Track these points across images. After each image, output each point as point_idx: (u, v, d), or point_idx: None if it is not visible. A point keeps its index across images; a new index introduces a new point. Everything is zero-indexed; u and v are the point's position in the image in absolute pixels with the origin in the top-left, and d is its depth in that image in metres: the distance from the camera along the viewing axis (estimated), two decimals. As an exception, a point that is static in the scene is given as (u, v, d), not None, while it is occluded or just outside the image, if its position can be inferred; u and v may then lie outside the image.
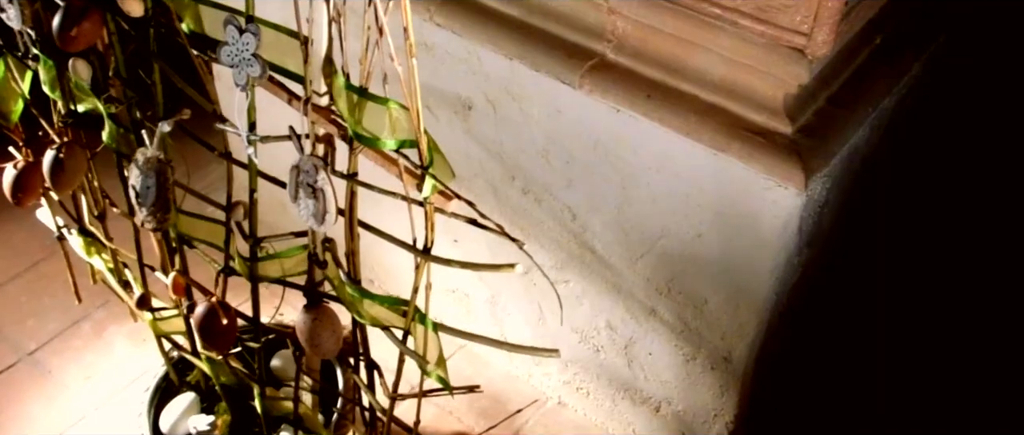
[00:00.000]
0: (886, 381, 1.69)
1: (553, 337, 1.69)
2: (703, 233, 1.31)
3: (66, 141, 1.29)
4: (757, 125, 1.20)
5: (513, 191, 1.54)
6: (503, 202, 1.57)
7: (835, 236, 1.40)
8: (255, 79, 0.92)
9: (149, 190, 1.10)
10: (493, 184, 1.56)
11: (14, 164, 1.45)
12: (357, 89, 0.85)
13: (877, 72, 1.32)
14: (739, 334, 1.38)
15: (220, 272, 1.16)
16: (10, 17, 1.23)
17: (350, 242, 1.00)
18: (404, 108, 0.84)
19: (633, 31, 1.27)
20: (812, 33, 1.08)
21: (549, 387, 1.82)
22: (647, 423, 1.67)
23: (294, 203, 0.99)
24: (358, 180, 0.93)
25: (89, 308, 1.97)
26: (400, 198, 0.89)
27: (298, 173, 0.96)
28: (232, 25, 0.92)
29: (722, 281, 1.34)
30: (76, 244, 1.54)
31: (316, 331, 1.08)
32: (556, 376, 1.78)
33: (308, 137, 0.95)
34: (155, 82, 1.08)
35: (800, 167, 1.16)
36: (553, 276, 1.61)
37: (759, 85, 1.19)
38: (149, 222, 1.13)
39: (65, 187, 1.32)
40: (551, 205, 1.51)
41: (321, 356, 1.12)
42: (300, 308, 1.10)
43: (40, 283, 2.03)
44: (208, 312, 1.15)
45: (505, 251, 1.52)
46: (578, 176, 1.44)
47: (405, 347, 0.98)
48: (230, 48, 0.93)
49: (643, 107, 1.26)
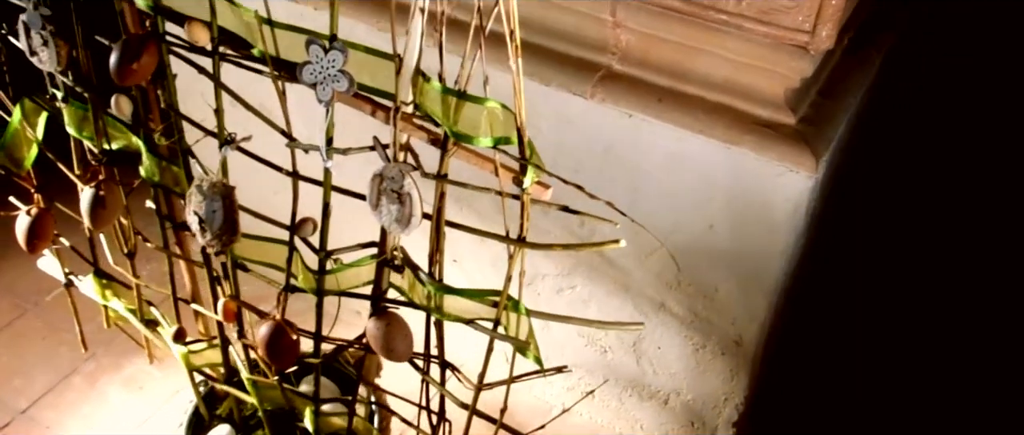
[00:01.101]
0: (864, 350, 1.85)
1: (559, 343, 1.77)
2: (715, 224, 1.42)
3: (102, 179, 1.31)
4: (763, 119, 1.33)
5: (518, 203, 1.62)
6: (493, 218, 1.65)
7: (826, 218, 1.54)
8: (341, 93, 0.99)
9: (215, 214, 1.13)
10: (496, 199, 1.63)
11: (27, 211, 1.44)
12: (456, 92, 0.92)
13: (851, 68, 1.48)
14: (750, 317, 1.50)
15: (282, 290, 1.19)
16: (42, 60, 1.25)
17: (434, 242, 1.06)
18: (504, 107, 0.91)
19: (637, 42, 1.39)
20: (815, 30, 1.21)
21: (552, 394, 1.89)
22: (655, 417, 1.76)
23: (375, 211, 1.04)
24: (449, 180, 1.00)
25: (76, 361, 1.93)
26: (495, 192, 0.97)
27: (381, 181, 1.02)
28: (316, 45, 0.98)
29: (733, 268, 1.46)
30: (88, 288, 1.53)
31: (390, 336, 1.13)
32: (559, 383, 1.86)
33: (389, 146, 1.01)
34: (219, 109, 1.12)
35: (810, 152, 1.29)
36: (559, 283, 1.70)
37: (761, 82, 1.32)
38: (214, 246, 1.15)
39: (104, 224, 1.33)
40: (558, 213, 1.59)
41: (395, 360, 1.16)
42: (369, 317, 1.15)
43: (19, 342, 1.97)
44: (275, 330, 1.18)
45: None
46: (587, 182, 1.52)
47: (501, 334, 1.05)
48: (313, 66, 0.99)
49: (655, 110, 1.37)
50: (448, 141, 0.97)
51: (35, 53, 1.24)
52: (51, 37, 1.21)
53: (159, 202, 1.32)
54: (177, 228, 1.35)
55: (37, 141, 1.40)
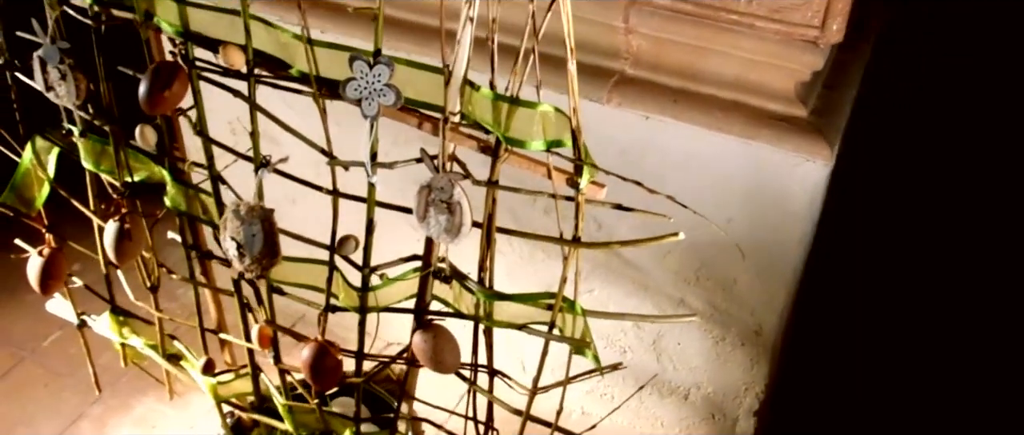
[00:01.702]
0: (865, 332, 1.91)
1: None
2: (733, 217, 1.45)
3: (126, 212, 1.29)
4: (777, 113, 1.37)
5: (535, 212, 1.64)
6: (524, 225, 1.66)
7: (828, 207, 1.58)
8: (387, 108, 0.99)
9: (255, 238, 1.13)
10: (512, 209, 1.65)
11: (39, 251, 1.41)
12: (508, 98, 0.94)
13: (848, 59, 1.53)
14: (769, 306, 1.53)
15: (323, 310, 1.19)
16: (60, 95, 1.23)
17: (485, 249, 1.07)
18: (557, 110, 0.93)
19: (648, 46, 1.42)
20: (825, 25, 1.26)
21: (570, 400, 1.90)
22: (676, 412, 1.78)
23: (422, 222, 1.05)
24: (500, 185, 1.01)
25: (82, 405, 1.89)
26: (548, 196, 0.98)
27: (429, 192, 1.03)
28: (360, 60, 0.99)
29: (752, 259, 1.49)
30: (103, 327, 1.50)
31: (438, 348, 1.13)
32: (577, 386, 1.87)
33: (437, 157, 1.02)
34: (254, 131, 1.12)
35: (824, 142, 1.33)
36: (575, 288, 1.71)
37: (772, 78, 1.36)
38: (253, 270, 1.15)
39: (130, 258, 1.31)
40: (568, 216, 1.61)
41: (444, 372, 1.16)
42: (413, 331, 1.15)
43: (20, 391, 1.92)
44: (318, 351, 1.18)
45: (520, 269, 1.60)
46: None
47: (557, 335, 1.06)
48: (357, 82, 0.99)
49: (672, 111, 1.40)
50: (499, 147, 0.98)
51: (51, 88, 1.23)
52: (70, 70, 1.19)
53: (184, 232, 1.30)
54: (203, 257, 1.34)
55: (49, 179, 1.37)
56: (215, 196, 1.22)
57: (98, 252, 1.40)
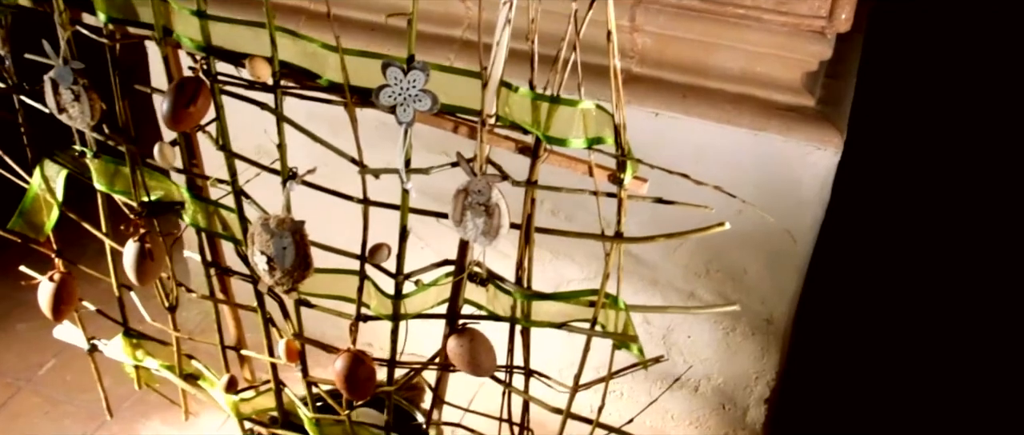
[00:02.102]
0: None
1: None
2: (743, 208, 1.48)
3: (145, 232, 1.27)
4: (785, 104, 1.40)
5: (542, 213, 1.65)
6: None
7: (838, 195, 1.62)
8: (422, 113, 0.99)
9: (286, 251, 1.12)
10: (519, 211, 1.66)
11: (49, 277, 1.39)
12: (548, 97, 0.95)
13: (845, 49, 1.56)
14: (780, 295, 1.56)
15: (355, 320, 1.18)
16: (73, 116, 1.21)
17: (523, 249, 1.07)
18: (598, 106, 0.94)
19: (654, 44, 1.44)
20: (832, 15, 1.28)
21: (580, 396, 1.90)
22: (685, 404, 1.80)
23: (458, 226, 1.05)
24: (540, 185, 1.01)
25: (85, 432, 1.85)
26: (590, 193, 0.99)
27: (466, 195, 1.03)
28: (394, 66, 0.99)
29: (762, 249, 1.51)
30: (115, 351, 1.48)
31: (475, 352, 1.14)
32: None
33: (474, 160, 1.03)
34: (282, 144, 1.11)
35: (834, 130, 1.36)
36: (584, 287, 1.72)
37: (778, 70, 1.39)
38: (284, 284, 1.14)
39: (151, 278, 1.29)
40: (584, 220, 1.62)
41: (481, 376, 1.16)
42: (447, 336, 1.15)
43: (19, 422, 1.88)
44: (352, 361, 1.17)
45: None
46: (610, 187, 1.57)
47: (600, 332, 1.07)
48: (391, 89, 0.99)
49: (681, 106, 1.42)
50: (539, 147, 0.99)
51: (64, 110, 1.20)
52: (84, 91, 1.17)
53: (203, 249, 1.29)
54: (222, 273, 1.32)
55: (58, 204, 1.35)
56: (239, 211, 1.21)
57: (109, 274, 1.38)
